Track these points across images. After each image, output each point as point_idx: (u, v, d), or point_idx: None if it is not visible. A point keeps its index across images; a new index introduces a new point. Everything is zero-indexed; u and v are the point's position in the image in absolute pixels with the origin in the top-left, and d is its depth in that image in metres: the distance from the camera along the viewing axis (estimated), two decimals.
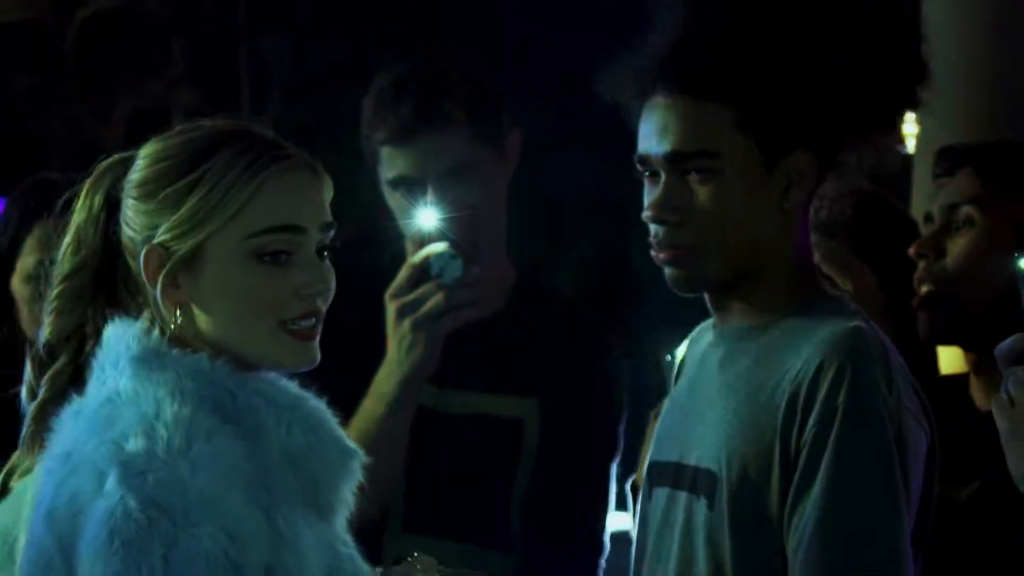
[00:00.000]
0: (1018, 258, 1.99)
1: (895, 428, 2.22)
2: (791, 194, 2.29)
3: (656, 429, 2.49)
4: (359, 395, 2.86)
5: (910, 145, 5.07)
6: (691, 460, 2.33)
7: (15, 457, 2.14)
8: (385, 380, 2.84)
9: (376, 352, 2.87)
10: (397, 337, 2.84)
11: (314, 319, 2.08)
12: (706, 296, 2.37)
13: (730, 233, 2.29)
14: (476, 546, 2.59)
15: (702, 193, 2.28)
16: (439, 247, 2.82)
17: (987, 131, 3.98)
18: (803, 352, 2.25)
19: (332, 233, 2.11)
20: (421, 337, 2.81)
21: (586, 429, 2.90)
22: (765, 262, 2.30)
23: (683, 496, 2.34)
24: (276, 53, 8.34)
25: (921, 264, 2.74)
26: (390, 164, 2.90)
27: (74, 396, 2.10)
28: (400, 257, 2.89)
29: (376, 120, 2.90)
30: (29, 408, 2.16)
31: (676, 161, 2.28)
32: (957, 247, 2.72)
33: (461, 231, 2.83)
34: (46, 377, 2.14)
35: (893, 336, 2.60)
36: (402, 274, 2.84)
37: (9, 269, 3.02)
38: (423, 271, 2.83)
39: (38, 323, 2.87)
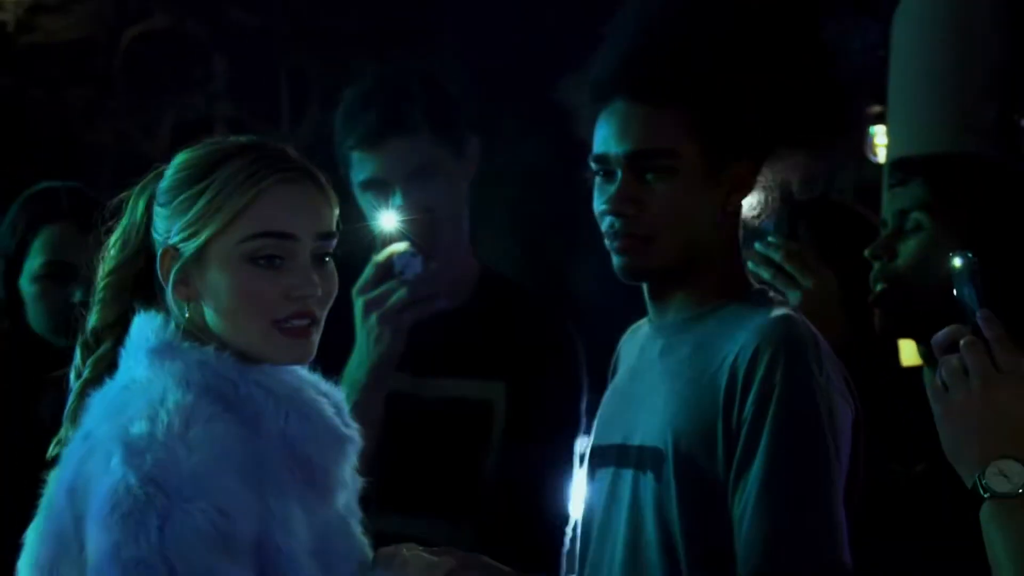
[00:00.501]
0: (952, 258, 2.14)
1: (826, 405, 2.34)
2: (732, 198, 2.44)
3: (597, 416, 2.59)
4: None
5: (881, 155, 5.15)
6: (635, 441, 2.44)
7: (63, 431, 2.25)
8: (356, 368, 2.94)
9: (346, 342, 2.97)
10: (366, 330, 2.94)
11: (308, 320, 2.17)
12: (646, 289, 2.47)
13: (681, 227, 2.41)
14: (448, 521, 2.65)
15: (658, 189, 2.40)
16: (400, 247, 2.93)
17: (949, 144, 3.92)
18: (739, 339, 2.37)
19: (332, 242, 2.20)
20: (387, 329, 2.90)
21: (549, 409, 3.04)
22: (706, 256, 2.43)
23: (629, 473, 2.44)
24: (313, 67, 8.39)
25: (876, 265, 2.84)
26: (360, 168, 3.03)
27: (107, 379, 2.21)
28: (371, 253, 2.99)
29: (346, 129, 3.04)
30: (75, 387, 2.27)
31: (636, 159, 2.40)
32: (908, 249, 2.80)
33: (421, 232, 2.95)
34: (90, 360, 2.25)
35: (851, 330, 2.78)
36: (368, 271, 2.95)
37: (17, 270, 3.13)
38: (387, 269, 2.93)
39: (44, 318, 3.02)
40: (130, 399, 2.13)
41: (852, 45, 5.26)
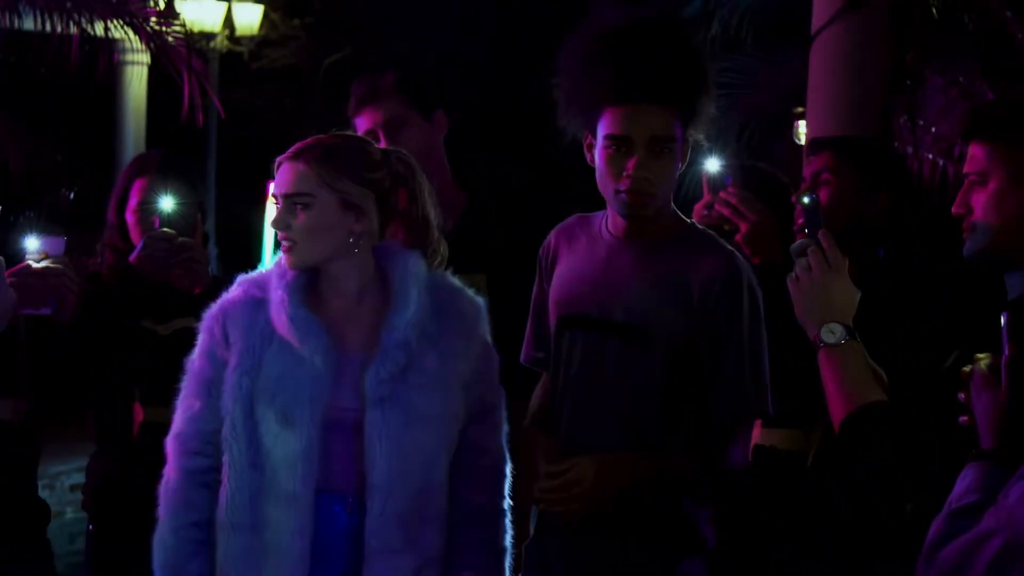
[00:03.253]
0: (803, 196, 2.60)
1: (762, 303, 2.85)
2: (682, 164, 2.93)
3: (561, 288, 2.96)
4: None
5: (802, 140, 6.32)
6: (616, 316, 2.84)
7: None
8: None
9: None
10: None
11: (289, 241, 2.68)
12: (627, 221, 2.89)
13: (668, 187, 2.88)
14: None
15: (662, 162, 2.83)
16: None
17: (846, 129, 4.80)
18: (709, 262, 2.83)
19: (301, 199, 2.64)
20: None
21: (514, 292, 3.44)
22: (667, 203, 2.94)
23: (615, 345, 2.84)
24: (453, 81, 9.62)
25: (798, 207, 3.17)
26: (359, 125, 3.65)
27: None
28: None
29: (352, 102, 3.71)
30: None
31: (655, 141, 2.80)
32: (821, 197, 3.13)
33: None
34: None
35: (784, 252, 3.00)
36: None
37: (124, 206, 3.73)
38: None
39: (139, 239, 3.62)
40: None
41: (787, 67, 6.29)
